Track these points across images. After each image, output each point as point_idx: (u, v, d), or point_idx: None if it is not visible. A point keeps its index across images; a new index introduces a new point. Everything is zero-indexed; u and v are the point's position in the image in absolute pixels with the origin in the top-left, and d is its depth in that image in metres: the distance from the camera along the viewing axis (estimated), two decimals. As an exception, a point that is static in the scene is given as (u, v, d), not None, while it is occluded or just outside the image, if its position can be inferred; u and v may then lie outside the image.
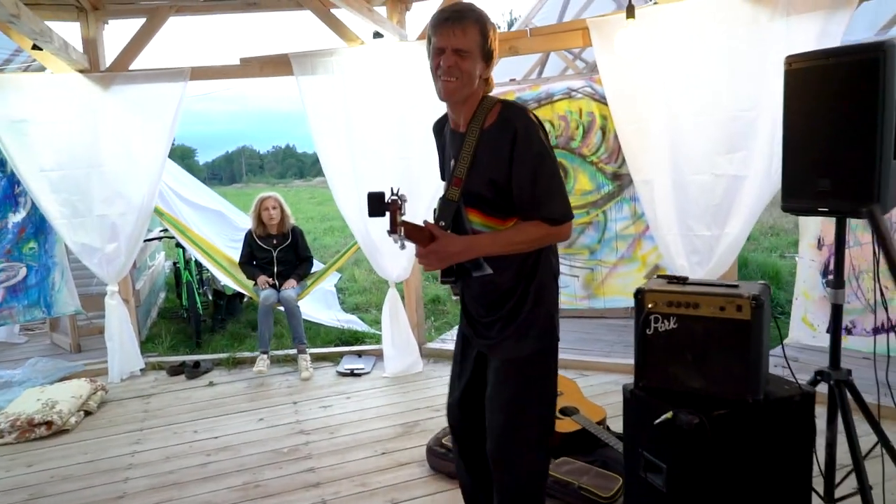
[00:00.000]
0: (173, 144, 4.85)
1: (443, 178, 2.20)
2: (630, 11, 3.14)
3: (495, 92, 1.93)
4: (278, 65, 4.42)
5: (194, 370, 4.53)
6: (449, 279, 1.95)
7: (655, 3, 3.35)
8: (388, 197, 1.75)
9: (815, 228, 3.37)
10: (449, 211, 1.85)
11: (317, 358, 4.75)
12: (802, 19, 3.12)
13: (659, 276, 2.10)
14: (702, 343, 1.93)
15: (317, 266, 5.34)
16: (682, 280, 2.05)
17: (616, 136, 3.98)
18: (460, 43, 1.74)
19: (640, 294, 2.00)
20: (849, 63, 2.02)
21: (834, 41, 3.03)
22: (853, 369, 2.16)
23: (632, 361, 2.10)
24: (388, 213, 1.73)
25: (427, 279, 7.68)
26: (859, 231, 3.20)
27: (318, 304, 6.15)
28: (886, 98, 1.98)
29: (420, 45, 4.17)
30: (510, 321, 1.90)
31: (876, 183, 2.00)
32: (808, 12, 3.09)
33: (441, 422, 3.47)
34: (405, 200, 1.75)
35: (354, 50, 4.29)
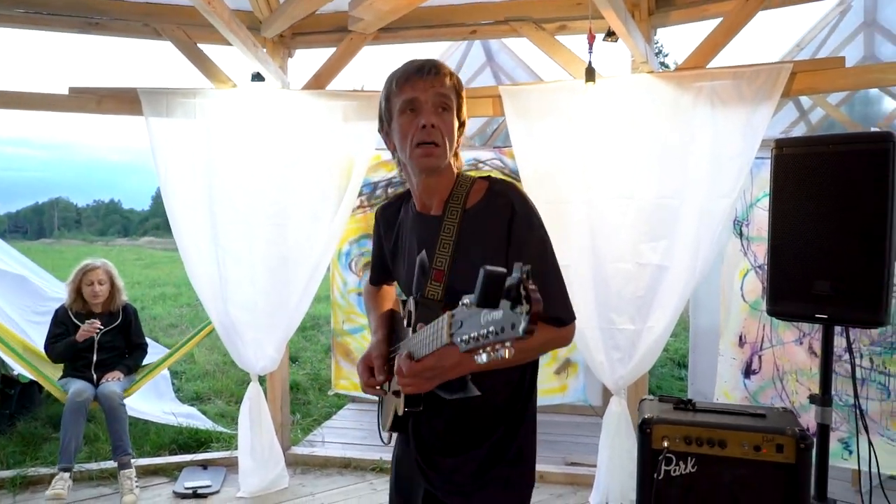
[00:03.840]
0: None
1: (384, 278, 1.71)
2: (590, 75, 2.83)
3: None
4: (122, 101, 3.56)
5: (-40, 499, 3.26)
6: (416, 407, 1.36)
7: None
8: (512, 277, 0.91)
9: (735, 325, 3.19)
10: (430, 314, 1.28)
11: (146, 472, 3.69)
12: (728, 110, 3.01)
13: (661, 399, 1.63)
14: (729, 493, 1.47)
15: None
16: (690, 405, 1.60)
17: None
18: (442, 92, 1.37)
19: (647, 426, 1.51)
20: (854, 152, 1.78)
21: (758, 134, 2.95)
22: None
23: (558, 467, 1.61)
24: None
25: (301, 365, 6.69)
26: (781, 329, 3.06)
27: (146, 392, 4.97)
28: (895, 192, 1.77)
29: (305, 95, 3.58)
30: (497, 458, 1.41)
31: (885, 288, 1.75)
32: (734, 103, 3.00)
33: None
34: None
35: (224, 93, 3.58)
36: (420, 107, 1.35)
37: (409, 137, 1.36)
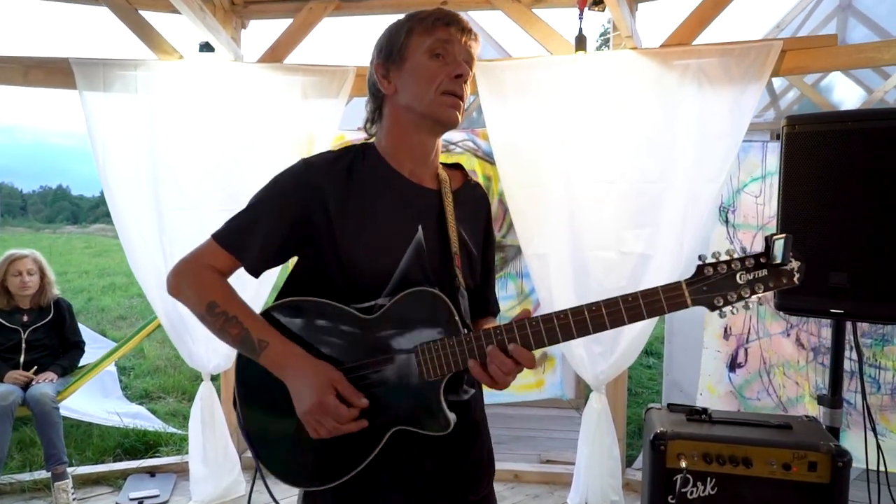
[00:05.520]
0: None
1: (275, 262, 1.33)
2: (580, 43, 2.60)
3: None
4: (52, 72, 3.19)
5: None
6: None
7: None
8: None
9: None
10: (463, 303, 1.26)
11: (86, 481, 3.37)
12: (715, 89, 2.84)
13: (670, 408, 1.43)
14: (752, 518, 1.28)
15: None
16: (705, 415, 1.40)
17: (500, 201, 3.41)
18: (472, 55, 1.27)
19: (660, 442, 1.31)
20: (876, 129, 1.61)
21: (746, 116, 2.79)
22: None
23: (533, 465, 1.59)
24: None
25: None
26: (768, 321, 2.93)
27: (91, 390, 4.61)
28: (921, 176, 1.60)
29: (260, 69, 3.27)
30: (490, 458, 1.41)
31: (909, 281, 1.59)
32: (721, 83, 2.82)
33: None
34: None
35: (169, 65, 3.24)
36: (452, 57, 1.23)
37: (437, 83, 1.22)
